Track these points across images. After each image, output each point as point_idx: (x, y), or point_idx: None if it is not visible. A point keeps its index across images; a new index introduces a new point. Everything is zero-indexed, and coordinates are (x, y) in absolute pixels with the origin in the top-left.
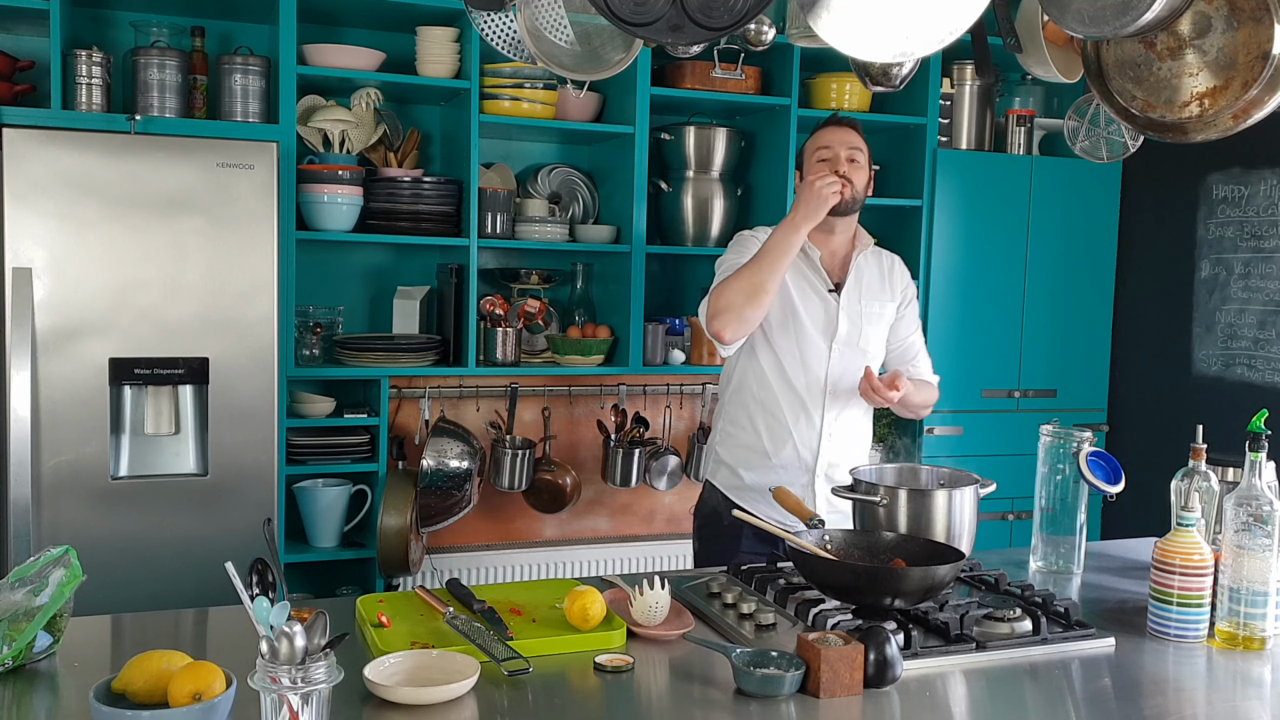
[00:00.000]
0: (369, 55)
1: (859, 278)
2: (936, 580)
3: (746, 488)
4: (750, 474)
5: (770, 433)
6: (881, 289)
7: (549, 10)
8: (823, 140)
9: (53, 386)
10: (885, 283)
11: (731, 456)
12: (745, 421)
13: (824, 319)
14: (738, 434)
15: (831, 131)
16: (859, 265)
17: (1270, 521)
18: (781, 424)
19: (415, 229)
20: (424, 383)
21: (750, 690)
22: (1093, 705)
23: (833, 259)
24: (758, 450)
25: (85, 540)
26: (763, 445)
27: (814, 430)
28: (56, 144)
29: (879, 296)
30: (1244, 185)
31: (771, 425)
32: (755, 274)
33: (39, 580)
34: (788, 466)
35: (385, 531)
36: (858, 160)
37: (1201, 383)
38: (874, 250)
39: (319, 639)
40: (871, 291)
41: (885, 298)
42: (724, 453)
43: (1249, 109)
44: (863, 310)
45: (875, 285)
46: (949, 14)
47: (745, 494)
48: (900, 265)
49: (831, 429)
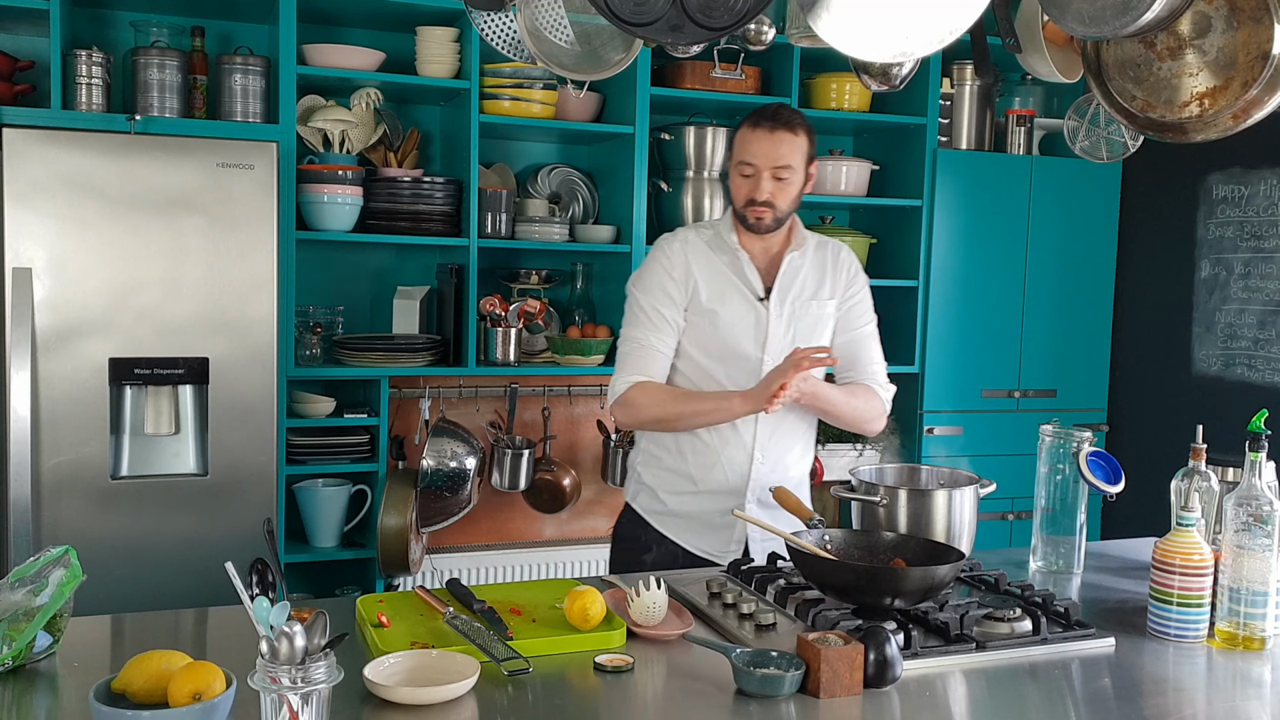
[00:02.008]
0: (369, 55)
1: (792, 279)
2: (936, 580)
3: (670, 513)
4: (674, 499)
5: (696, 456)
6: (820, 287)
7: (549, 10)
8: (747, 151)
9: (52, 386)
10: (826, 279)
11: (654, 479)
12: (670, 442)
13: (754, 328)
14: (661, 455)
15: (760, 138)
16: (793, 265)
17: (1270, 521)
18: (708, 446)
19: (415, 229)
20: (424, 383)
21: (750, 690)
22: (1093, 705)
23: (766, 259)
24: (682, 474)
25: (85, 540)
26: (688, 469)
27: (744, 452)
28: (56, 144)
29: (817, 295)
30: (1244, 185)
31: (697, 447)
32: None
33: (39, 580)
34: (715, 492)
35: (385, 531)
36: (785, 178)
37: (1201, 383)
38: (818, 244)
39: (319, 639)
40: (808, 292)
41: (824, 295)
42: (646, 474)
43: (1249, 109)
44: (796, 314)
45: (813, 284)
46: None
47: (668, 520)
48: (846, 254)
49: (764, 450)
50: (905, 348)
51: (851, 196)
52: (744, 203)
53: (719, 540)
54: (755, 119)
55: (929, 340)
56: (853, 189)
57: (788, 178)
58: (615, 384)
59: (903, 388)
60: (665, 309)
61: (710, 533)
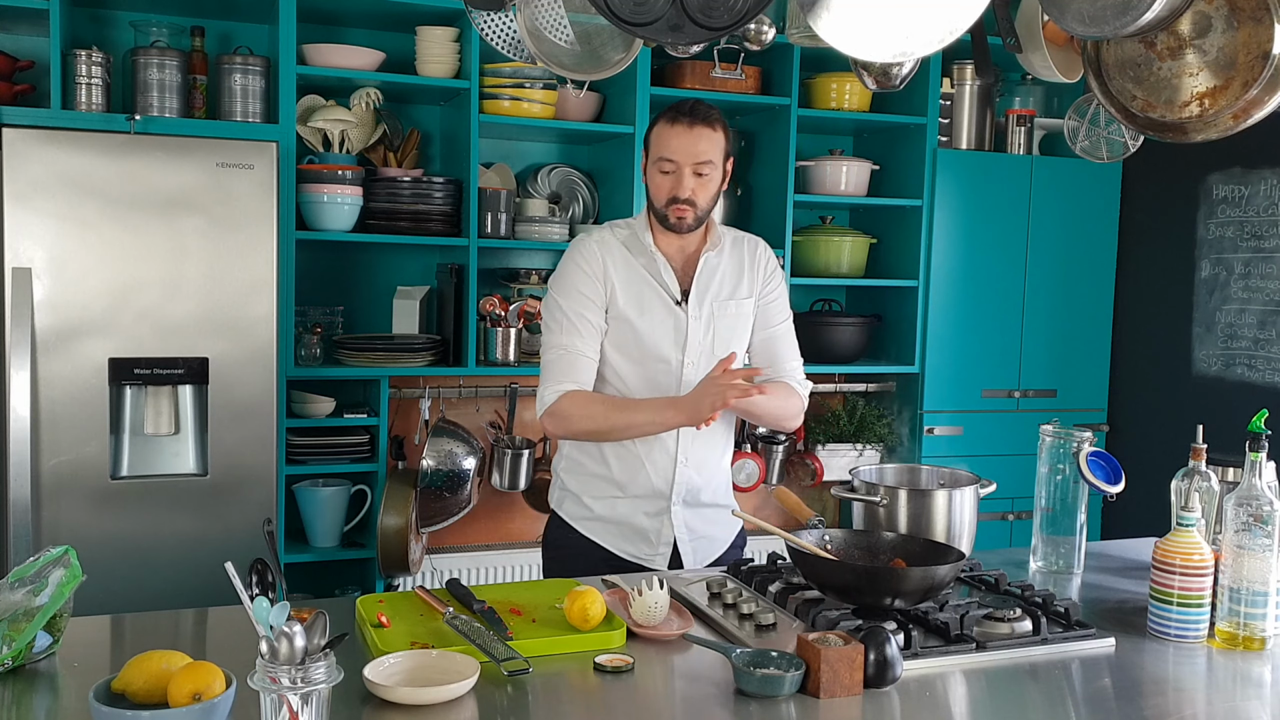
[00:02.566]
0: (369, 55)
1: (709, 279)
2: (936, 580)
3: (597, 519)
4: (600, 504)
5: (620, 461)
6: (738, 286)
7: (549, 10)
8: (667, 147)
9: (52, 386)
10: (744, 277)
11: (579, 485)
12: (593, 449)
13: (673, 331)
14: (585, 461)
15: (679, 134)
16: (710, 265)
17: (1270, 521)
18: (632, 453)
19: (415, 229)
20: (424, 383)
21: (750, 690)
22: (1093, 705)
23: (683, 258)
24: (607, 480)
25: (85, 540)
26: (612, 475)
27: (668, 456)
28: (56, 144)
29: (735, 294)
30: (1244, 185)
31: (621, 454)
32: (608, 429)
33: (39, 580)
34: (640, 496)
35: (385, 531)
36: (705, 174)
37: (1201, 383)
38: (734, 240)
39: (319, 639)
40: (726, 291)
41: (742, 294)
42: (570, 481)
43: (1249, 109)
44: (715, 314)
45: (730, 283)
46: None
47: (595, 525)
48: (763, 250)
49: (688, 452)
50: (905, 348)
51: (851, 196)
52: (665, 201)
53: (646, 544)
54: (673, 114)
55: (929, 340)
56: (853, 189)
57: (708, 174)
58: (543, 394)
59: (903, 388)
60: (587, 312)
61: (637, 536)
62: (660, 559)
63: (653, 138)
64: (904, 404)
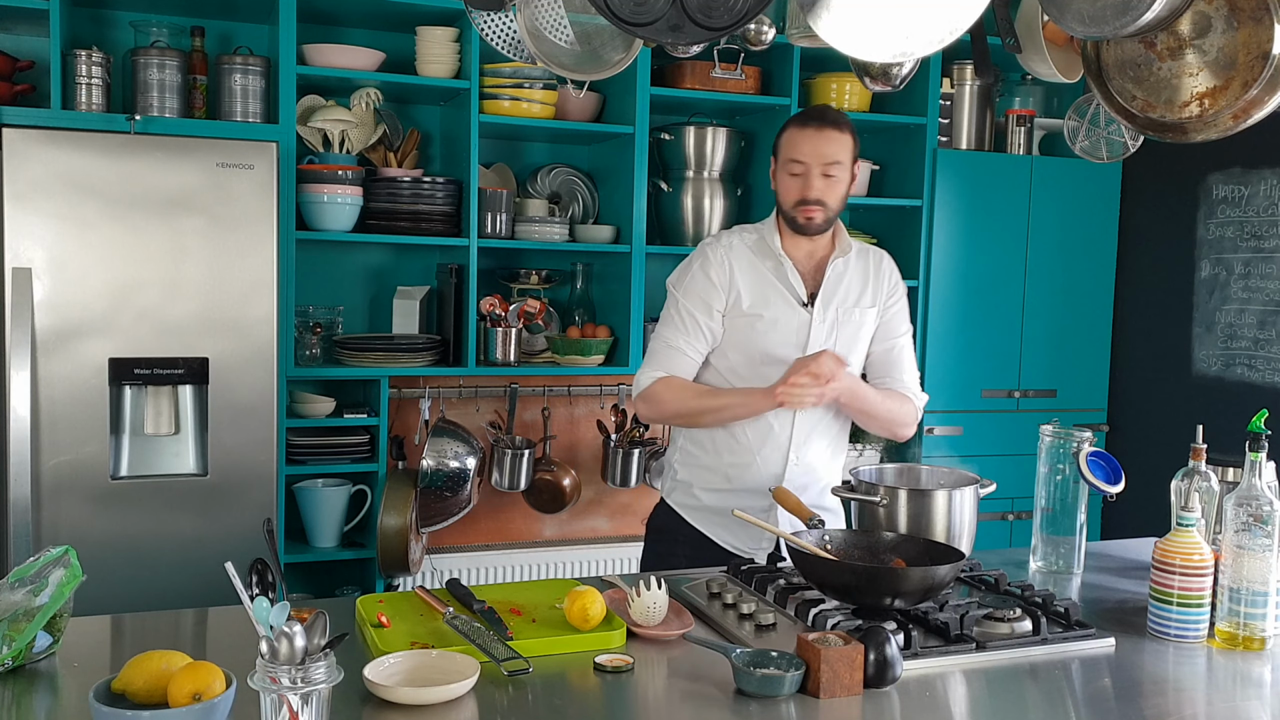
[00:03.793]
0: (369, 55)
1: (836, 285)
2: (936, 580)
3: (704, 509)
4: (709, 495)
5: (732, 455)
6: (863, 294)
7: (549, 10)
8: (797, 150)
9: (52, 386)
10: (869, 286)
11: (689, 475)
12: (706, 440)
13: (795, 333)
14: (698, 454)
15: (809, 136)
16: (837, 271)
17: (1270, 521)
18: (744, 446)
19: (415, 229)
20: (424, 383)
21: (750, 690)
22: (1093, 705)
23: (810, 264)
24: (718, 472)
25: (85, 540)
26: (723, 467)
27: (780, 454)
28: (56, 144)
29: (860, 303)
30: (1244, 185)
31: (734, 447)
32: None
33: (39, 580)
34: (750, 489)
35: (385, 531)
36: (834, 175)
37: (1201, 383)
38: (859, 251)
39: (319, 639)
40: (851, 298)
41: (866, 303)
42: (682, 471)
43: (1249, 109)
44: (839, 320)
45: (856, 291)
46: (949, 14)
47: (703, 515)
48: (888, 263)
49: (799, 453)
50: None
51: (852, 196)
52: (794, 202)
53: (751, 536)
54: (803, 119)
55: (929, 340)
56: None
57: (837, 174)
58: (640, 377)
59: None
60: (701, 315)
61: (743, 528)
62: (761, 553)
63: (782, 142)
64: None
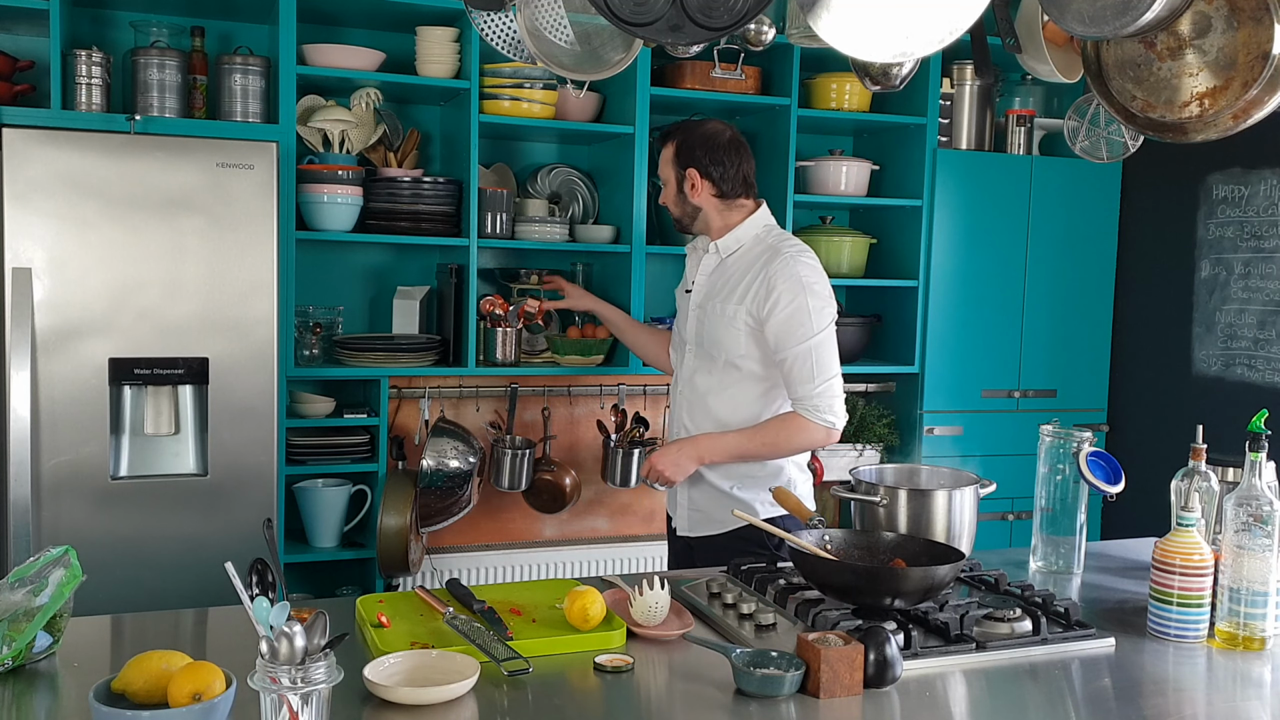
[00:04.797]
0: (369, 55)
1: (705, 278)
2: (936, 580)
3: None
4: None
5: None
6: (734, 292)
7: (549, 10)
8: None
9: (52, 386)
10: (741, 286)
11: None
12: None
13: (683, 318)
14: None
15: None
16: (707, 266)
17: (1270, 521)
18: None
19: (415, 229)
20: (424, 383)
21: (750, 690)
22: (1093, 705)
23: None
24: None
25: (85, 540)
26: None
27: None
28: (56, 144)
29: (728, 299)
30: (1244, 185)
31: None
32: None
33: (39, 580)
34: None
35: (385, 531)
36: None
37: (1201, 383)
38: (762, 252)
39: (319, 639)
40: (725, 291)
41: (735, 300)
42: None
43: (1249, 109)
44: (707, 310)
45: (729, 288)
46: (949, 14)
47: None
48: (776, 271)
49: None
50: (905, 348)
51: (851, 196)
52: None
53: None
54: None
55: (929, 340)
56: (853, 189)
57: (668, 182)
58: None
59: (903, 388)
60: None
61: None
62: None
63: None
64: (904, 404)
